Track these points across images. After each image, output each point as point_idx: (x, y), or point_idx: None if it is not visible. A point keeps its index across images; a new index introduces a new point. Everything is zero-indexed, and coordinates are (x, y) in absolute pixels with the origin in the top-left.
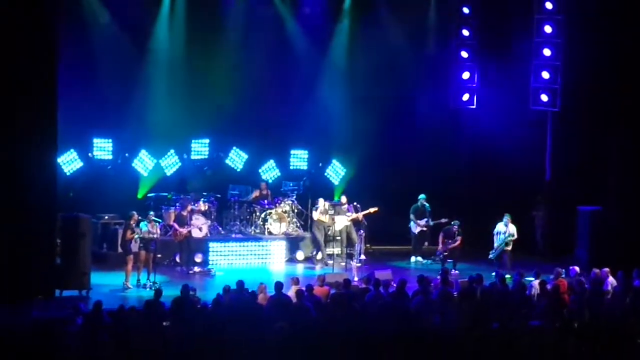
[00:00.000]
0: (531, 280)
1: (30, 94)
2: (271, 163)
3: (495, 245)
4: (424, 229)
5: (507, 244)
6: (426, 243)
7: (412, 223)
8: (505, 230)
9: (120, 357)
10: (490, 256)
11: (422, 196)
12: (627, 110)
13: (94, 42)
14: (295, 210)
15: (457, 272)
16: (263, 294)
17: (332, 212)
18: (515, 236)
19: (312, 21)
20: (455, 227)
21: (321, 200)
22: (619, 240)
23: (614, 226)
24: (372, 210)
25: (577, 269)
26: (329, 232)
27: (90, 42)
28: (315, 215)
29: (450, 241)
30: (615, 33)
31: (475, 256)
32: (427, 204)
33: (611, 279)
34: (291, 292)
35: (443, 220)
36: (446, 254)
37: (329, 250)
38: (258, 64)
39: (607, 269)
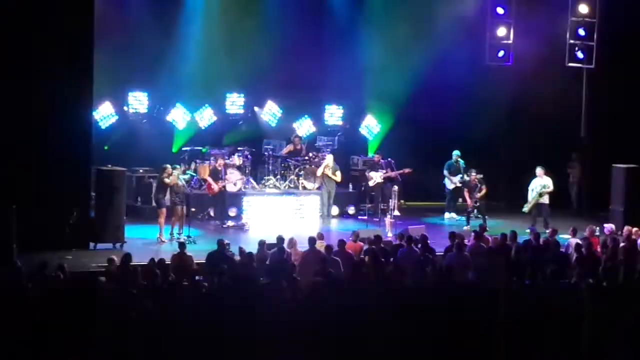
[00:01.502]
0: (568, 238)
1: (66, 46)
2: (306, 118)
3: (529, 198)
4: (459, 185)
5: (541, 195)
6: (460, 200)
7: (446, 180)
8: (539, 182)
9: (153, 309)
10: (524, 209)
11: (456, 152)
12: None
13: None
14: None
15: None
16: (294, 249)
17: (365, 168)
18: (551, 188)
19: None
20: (473, 174)
21: (329, 157)
22: None
23: None
24: (406, 170)
25: (612, 226)
26: (362, 189)
27: None
28: (319, 171)
29: (475, 193)
30: None
31: (510, 212)
32: (461, 160)
33: None
34: (319, 247)
35: (478, 176)
36: (477, 204)
37: (362, 206)
38: (293, 18)
39: (637, 229)
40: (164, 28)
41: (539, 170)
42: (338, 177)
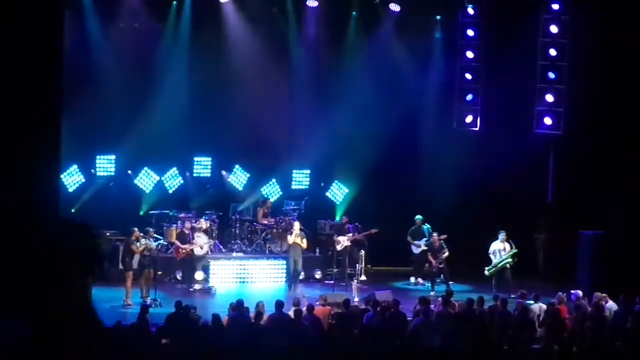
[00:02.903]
0: (531, 304)
1: (33, 109)
2: (273, 182)
3: (495, 261)
4: (425, 248)
5: (509, 260)
6: (427, 264)
7: (412, 245)
8: (504, 247)
9: None
10: (486, 272)
11: (418, 217)
12: (630, 134)
13: (98, 59)
14: None
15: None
16: (261, 313)
17: (332, 232)
18: (514, 250)
19: (316, 41)
20: (435, 235)
21: (296, 224)
22: (621, 264)
23: (616, 250)
24: (372, 231)
25: (579, 292)
26: (330, 253)
27: (94, 59)
28: (291, 239)
29: (439, 254)
30: (619, 57)
31: (476, 277)
32: (425, 225)
33: (610, 303)
34: (291, 311)
35: (442, 237)
36: (441, 266)
37: (329, 271)
38: (261, 83)
39: (604, 295)
40: (132, 91)
41: (502, 236)
42: (304, 244)
